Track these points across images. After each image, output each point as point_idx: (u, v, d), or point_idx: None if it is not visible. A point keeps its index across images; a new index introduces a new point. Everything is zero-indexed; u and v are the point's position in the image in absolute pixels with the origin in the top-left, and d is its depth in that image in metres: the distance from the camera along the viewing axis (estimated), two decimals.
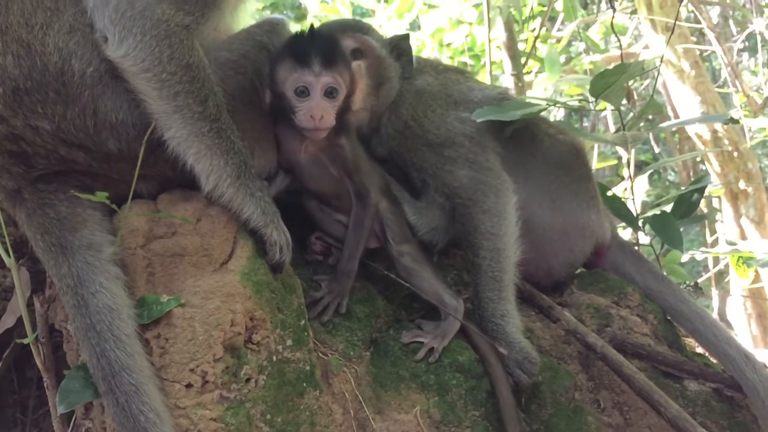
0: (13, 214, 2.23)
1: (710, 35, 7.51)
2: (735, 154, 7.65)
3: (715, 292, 7.84)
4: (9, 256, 2.27)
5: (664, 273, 3.39)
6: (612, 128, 8.28)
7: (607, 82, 2.66)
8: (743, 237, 7.86)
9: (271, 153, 2.42)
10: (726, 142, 7.66)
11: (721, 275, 8.58)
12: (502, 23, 5.87)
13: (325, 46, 2.27)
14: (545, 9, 6.81)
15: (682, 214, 3.11)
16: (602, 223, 2.95)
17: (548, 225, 2.83)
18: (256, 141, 2.35)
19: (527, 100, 2.96)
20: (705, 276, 8.34)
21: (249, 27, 2.43)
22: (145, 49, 2.02)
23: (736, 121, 3.10)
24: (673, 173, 13.62)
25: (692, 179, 9.85)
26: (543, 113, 2.89)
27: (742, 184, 7.83)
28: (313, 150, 2.39)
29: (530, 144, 2.88)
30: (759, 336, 7.85)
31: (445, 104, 2.82)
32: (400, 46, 2.89)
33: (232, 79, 2.27)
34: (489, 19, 5.52)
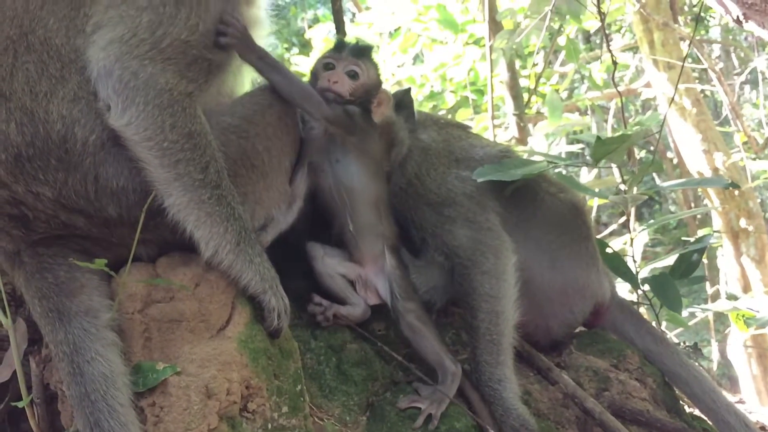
0: (12, 276, 2.23)
1: (712, 75, 7.55)
2: (736, 192, 7.65)
3: (715, 344, 7.79)
4: (6, 316, 2.26)
5: (664, 317, 3.34)
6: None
7: (608, 149, 2.66)
8: (744, 276, 7.83)
9: (275, 212, 2.43)
10: (728, 180, 7.65)
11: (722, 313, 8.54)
12: (505, 64, 5.90)
13: (358, 44, 2.66)
14: (548, 49, 6.85)
15: (682, 274, 3.09)
16: (602, 283, 2.93)
17: (548, 285, 2.81)
18: (257, 202, 2.36)
19: (528, 157, 2.96)
20: (704, 314, 8.30)
21: (252, 90, 2.45)
22: (147, 118, 2.03)
23: (737, 186, 3.11)
24: (674, 205, 13.62)
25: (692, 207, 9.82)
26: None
27: (743, 223, 7.82)
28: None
29: (530, 203, 2.87)
30: (759, 376, 7.80)
31: (447, 162, 2.82)
32: (402, 100, 2.89)
33: (235, 144, 2.28)
34: (491, 60, 5.55)
